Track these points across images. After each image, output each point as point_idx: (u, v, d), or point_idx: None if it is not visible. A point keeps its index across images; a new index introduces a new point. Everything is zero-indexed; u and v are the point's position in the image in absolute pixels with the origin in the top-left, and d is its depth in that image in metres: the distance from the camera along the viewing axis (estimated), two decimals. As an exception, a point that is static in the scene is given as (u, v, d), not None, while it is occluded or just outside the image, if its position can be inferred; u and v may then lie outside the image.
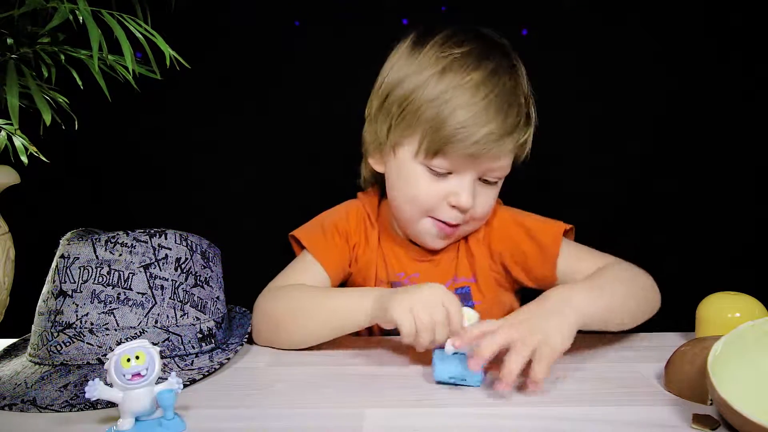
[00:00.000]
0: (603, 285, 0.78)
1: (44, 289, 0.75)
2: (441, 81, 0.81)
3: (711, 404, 0.63)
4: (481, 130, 0.79)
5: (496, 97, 0.80)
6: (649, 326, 0.88)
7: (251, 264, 1.08)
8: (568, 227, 0.90)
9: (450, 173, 0.84)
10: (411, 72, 0.84)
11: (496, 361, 0.67)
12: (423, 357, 0.79)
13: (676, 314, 0.87)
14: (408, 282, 0.92)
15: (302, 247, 0.94)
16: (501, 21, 0.98)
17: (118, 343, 0.70)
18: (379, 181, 0.96)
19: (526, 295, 0.99)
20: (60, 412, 0.64)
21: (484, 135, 0.79)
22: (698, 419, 0.58)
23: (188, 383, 0.69)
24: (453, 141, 0.80)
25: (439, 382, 0.70)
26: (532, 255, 0.88)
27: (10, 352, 0.81)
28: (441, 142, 0.80)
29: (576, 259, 0.87)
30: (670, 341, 0.82)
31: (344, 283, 0.97)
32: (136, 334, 0.71)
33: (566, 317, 0.69)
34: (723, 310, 0.78)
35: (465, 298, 0.90)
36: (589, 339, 0.84)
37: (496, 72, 0.82)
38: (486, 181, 0.85)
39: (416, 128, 0.83)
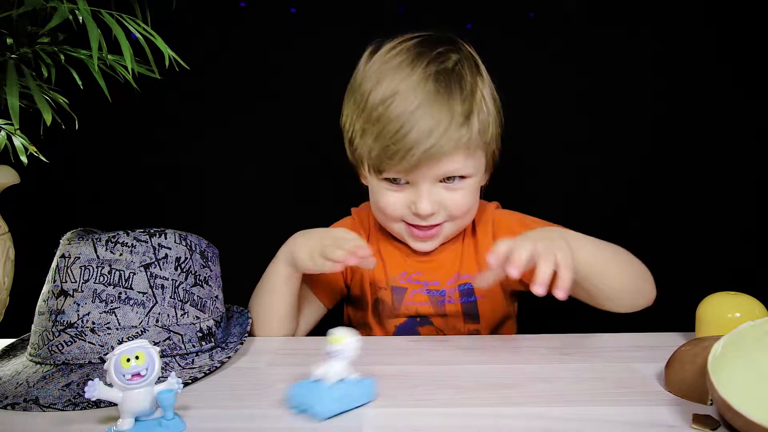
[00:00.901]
0: (605, 247, 0.82)
1: (44, 289, 0.75)
2: (370, 102, 0.83)
3: (711, 404, 0.63)
4: (407, 144, 0.79)
5: (418, 108, 0.80)
6: (649, 326, 0.88)
7: (251, 264, 1.09)
8: None
9: (407, 182, 0.85)
10: (353, 93, 0.87)
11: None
12: (423, 357, 0.79)
13: (676, 314, 0.87)
14: (410, 282, 0.93)
15: None
16: (500, 21, 0.98)
17: (120, 342, 0.70)
18: None
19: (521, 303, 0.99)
20: (64, 410, 0.64)
21: (411, 149, 0.79)
22: (698, 419, 0.58)
23: (190, 381, 0.69)
24: (386, 160, 0.82)
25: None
26: None
27: (8, 353, 0.81)
28: (378, 161, 0.83)
29: None
30: (670, 341, 0.82)
31: (345, 298, 1.01)
32: (137, 333, 0.71)
33: (570, 249, 0.73)
34: (723, 310, 0.77)
35: (467, 293, 0.91)
36: (589, 339, 0.84)
37: (421, 81, 0.81)
38: (450, 179, 0.85)
39: (361, 150, 0.86)
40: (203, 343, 0.76)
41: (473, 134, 0.83)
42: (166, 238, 0.76)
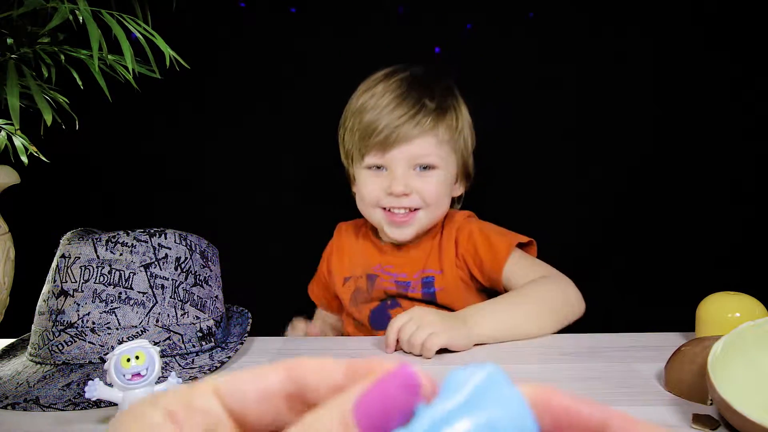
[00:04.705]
0: (515, 308, 0.88)
1: (44, 289, 0.75)
2: (363, 95, 0.99)
3: (711, 404, 0.63)
4: (384, 121, 0.94)
5: (398, 96, 0.96)
6: (649, 326, 0.88)
7: (251, 264, 1.09)
8: (526, 240, 0.99)
9: (386, 169, 0.97)
10: (352, 99, 1.01)
11: None
12: (422, 357, 0.79)
13: (676, 314, 0.87)
14: (382, 272, 1.04)
15: None
16: (500, 22, 0.98)
17: (120, 342, 0.70)
18: None
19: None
20: (64, 410, 0.64)
21: (386, 125, 0.94)
22: (698, 419, 0.58)
23: (190, 381, 0.69)
24: (368, 136, 0.95)
25: None
26: (487, 259, 0.99)
27: (8, 353, 0.81)
28: (360, 144, 0.97)
29: (518, 268, 0.97)
30: (670, 341, 0.82)
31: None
32: (137, 333, 0.71)
33: (462, 330, 0.81)
34: (723, 310, 0.77)
35: (428, 285, 1.01)
36: (589, 339, 0.84)
37: (394, 84, 0.97)
38: (423, 169, 0.97)
39: (348, 142, 1.00)
40: (203, 343, 0.76)
41: (443, 126, 0.96)
42: (166, 238, 0.76)
